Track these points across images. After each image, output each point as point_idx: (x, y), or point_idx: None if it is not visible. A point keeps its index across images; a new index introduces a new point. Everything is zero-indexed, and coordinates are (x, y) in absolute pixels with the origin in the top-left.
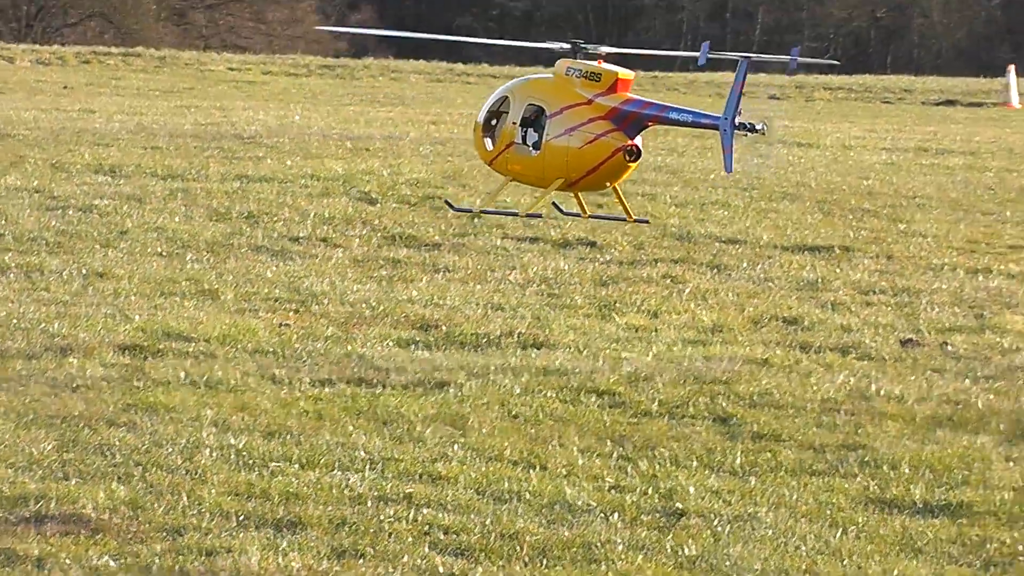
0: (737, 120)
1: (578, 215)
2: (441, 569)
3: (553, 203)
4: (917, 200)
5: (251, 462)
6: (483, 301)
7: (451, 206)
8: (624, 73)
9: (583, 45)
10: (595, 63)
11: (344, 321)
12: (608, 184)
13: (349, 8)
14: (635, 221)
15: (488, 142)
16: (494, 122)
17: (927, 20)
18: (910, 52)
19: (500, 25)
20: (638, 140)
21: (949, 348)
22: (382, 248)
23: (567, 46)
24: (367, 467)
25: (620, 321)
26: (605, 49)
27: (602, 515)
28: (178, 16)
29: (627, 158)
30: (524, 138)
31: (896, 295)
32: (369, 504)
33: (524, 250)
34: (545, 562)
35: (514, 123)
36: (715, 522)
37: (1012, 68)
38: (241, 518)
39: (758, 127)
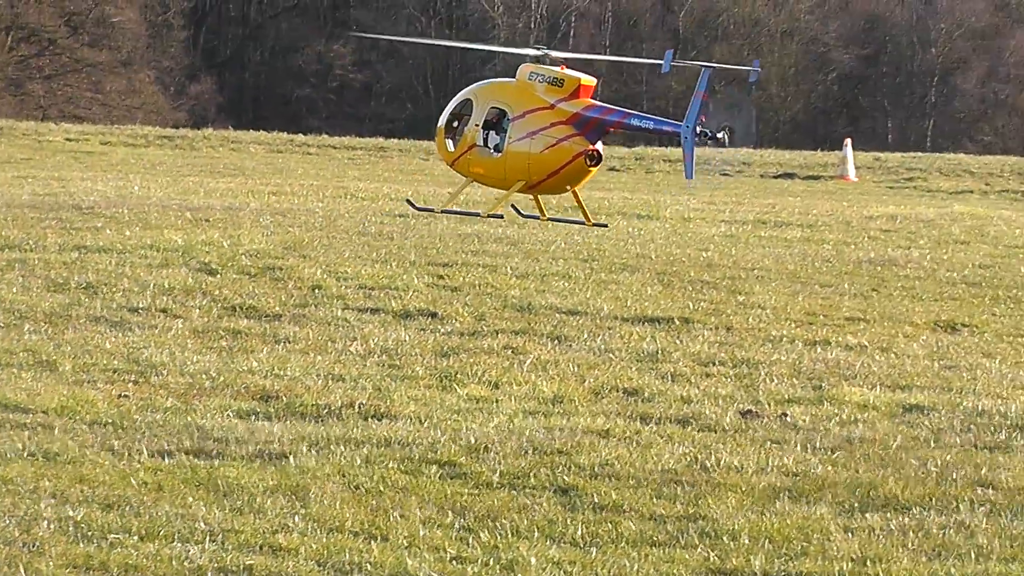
0: (698, 128)
1: (536, 217)
2: None
3: (512, 206)
4: (756, 272)
5: (90, 534)
6: (324, 372)
7: (413, 205)
8: (586, 80)
9: (547, 52)
10: (558, 68)
11: (184, 392)
12: (568, 188)
13: (188, 79)
14: (594, 224)
15: (450, 143)
16: (456, 124)
17: (765, 93)
18: (748, 125)
19: (339, 96)
20: (599, 145)
21: (788, 419)
22: (222, 319)
23: (534, 51)
24: (207, 539)
25: (461, 392)
26: (566, 55)
27: None
28: (15, 86)
29: (588, 162)
30: (486, 140)
31: (735, 366)
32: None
33: (365, 321)
34: None
35: (476, 125)
36: None
37: (849, 142)
38: None
39: (719, 135)
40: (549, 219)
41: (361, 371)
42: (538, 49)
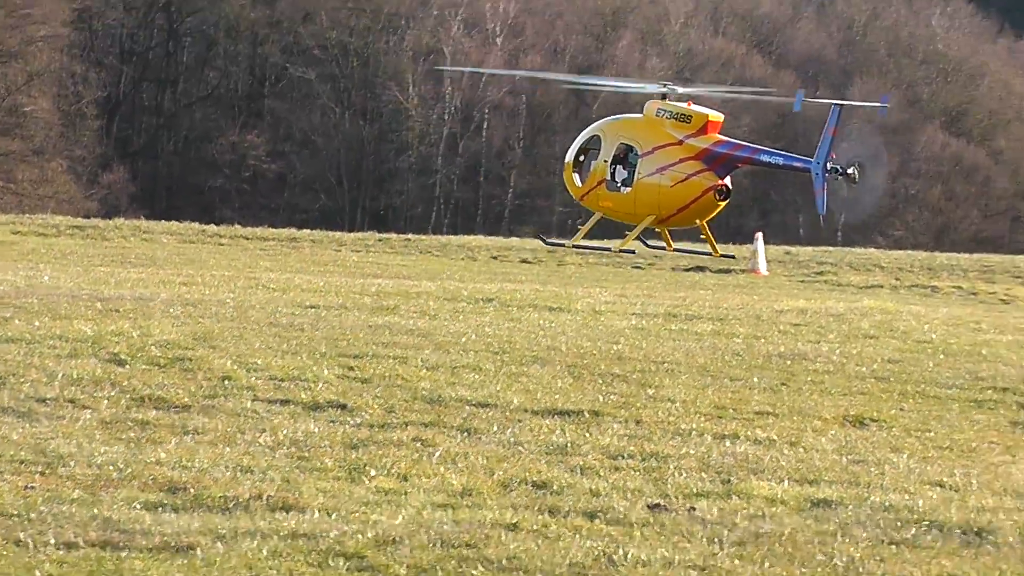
0: (828, 164)
1: (663, 247)
2: None
3: (639, 238)
4: (666, 365)
5: None
6: (232, 463)
7: (544, 240)
8: (714, 116)
9: (672, 87)
10: (685, 105)
11: (91, 483)
12: (697, 221)
13: (101, 168)
14: (721, 256)
15: (577, 178)
16: (582, 158)
17: None
18: None
19: (253, 186)
20: (727, 180)
21: (696, 513)
22: (131, 409)
23: (658, 87)
24: None
25: (370, 484)
26: (692, 90)
27: None
28: None
29: (717, 197)
30: (614, 175)
31: (644, 460)
32: None
33: (274, 412)
34: None
35: (605, 161)
36: None
37: (760, 236)
38: None
39: (849, 171)
40: (676, 250)
41: (270, 463)
42: (663, 85)
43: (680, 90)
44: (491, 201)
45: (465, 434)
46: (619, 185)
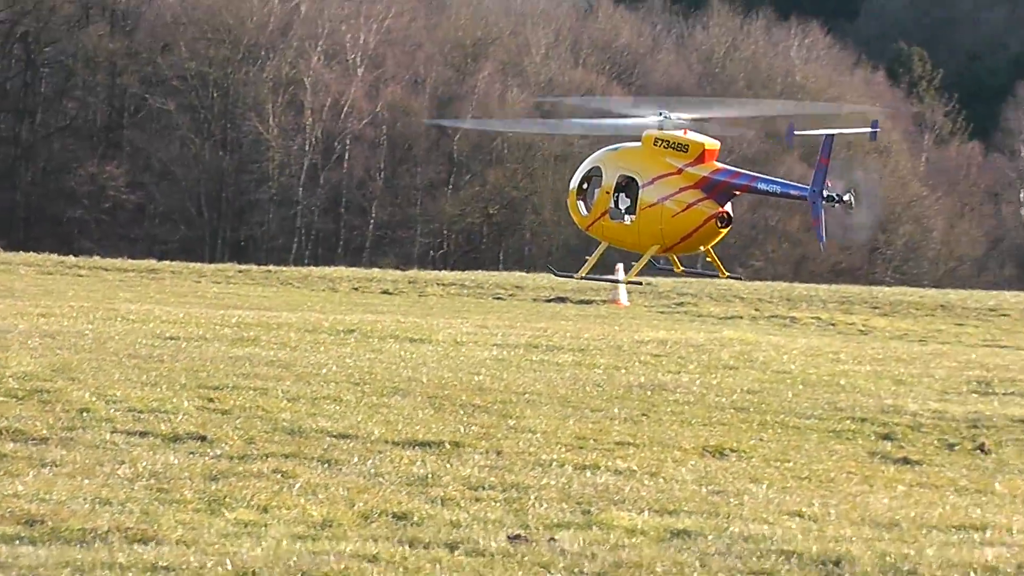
0: (824, 192)
1: (671, 269)
2: None
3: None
4: (527, 396)
5: None
6: (91, 496)
7: (554, 272)
8: (711, 143)
9: (667, 116)
10: (681, 133)
11: None
12: (701, 248)
13: None
14: (728, 277)
15: (582, 206)
16: (585, 186)
17: (539, 217)
18: (522, 249)
19: (112, 217)
20: (728, 207)
21: (556, 544)
22: None
23: (655, 118)
24: None
25: (229, 516)
26: (688, 115)
27: None
28: None
29: (719, 224)
30: (617, 204)
31: (505, 490)
32: None
33: (134, 444)
34: None
35: (607, 192)
36: None
37: (620, 267)
38: None
39: (845, 197)
40: (684, 271)
41: (129, 495)
42: (659, 115)
43: (675, 118)
44: (352, 232)
45: (326, 465)
46: (622, 215)
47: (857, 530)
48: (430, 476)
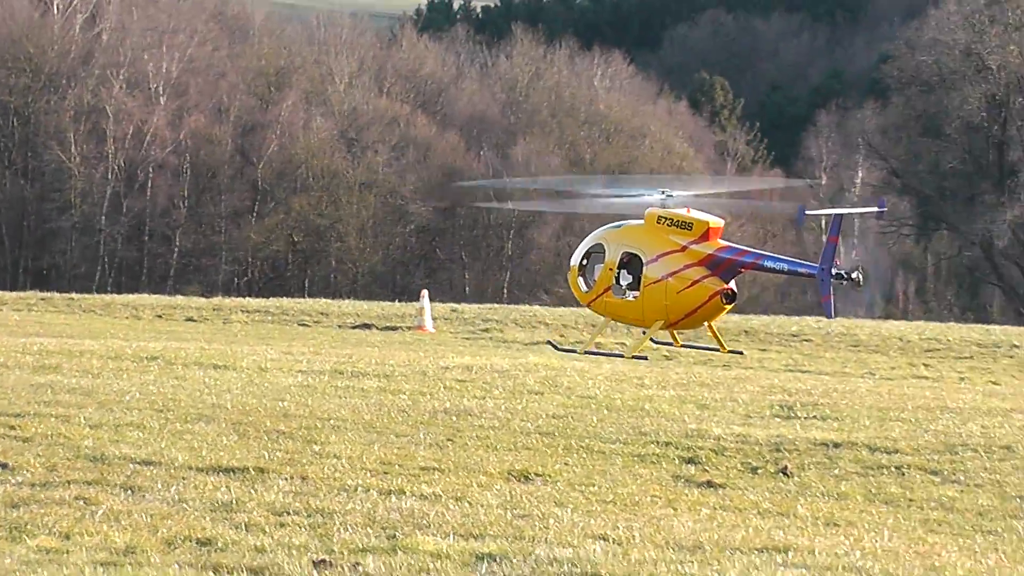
0: (833, 270)
1: (670, 344)
2: None
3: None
4: (332, 422)
5: None
6: None
7: (555, 347)
8: (715, 222)
9: (670, 194)
10: (684, 211)
11: None
12: (704, 323)
13: None
14: (729, 352)
15: (582, 283)
16: (586, 263)
17: (344, 244)
18: (327, 276)
19: None
20: (732, 284)
21: (361, 569)
22: None
23: (658, 196)
24: None
25: (31, 543)
26: (688, 192)
27: None
28: None
29: (724, 301)
30: (618, 280)
31: (310, 516)
32: None
33: None
34: None
35: (610, 269)
36: None
37: (426, 293)
38: None
39: (853, 276)
40: (683, 345)
41: None
42: (662, 193)
43: (676, 195)
44: (156, 260)
45: (129, 492)
46: (624, 291)
47: (661, 552)
48: (234, 502)
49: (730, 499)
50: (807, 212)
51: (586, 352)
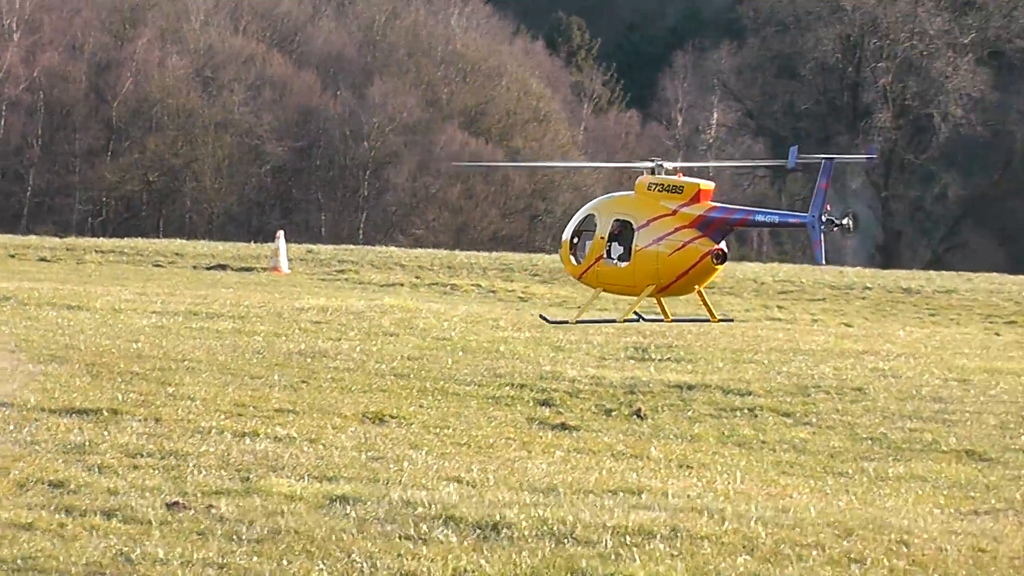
0: (824, 216)
1: (660, 319)
2: None
3: (635, 313)
4: (186, 363)
5: None
6: None
7: (547, 320)
8: (705, 185)
9: (660, 163)
10: (675, 177)
11: None
12: (696, 287)
13: None
14: (719, 320)
15: (573, 258)
16: (577, 240)
17: (199, 184)
18: (183, 216)
19: None
20: (723, 244)
21: (214, 511)
22: None
23: (648, 164)
24: None
25: None
26: (678, 164)
27: None
28: None
29: (715, 261)
30: (610, 251)
31: (163, 458)
32: None
33: None
34: None
35: (601, 238)
36: None
37: (281, 234)
38: None
39: (844, 221)
40: (673, 320)
41: None
42: (652, 161)
43: (667, 164)
44: (9, 199)
45: None
46: (616, 260)
47: (515, 495)
48: (87, 444)
49: (584, 441)
50: (798, 159)
51: (578, 321)
